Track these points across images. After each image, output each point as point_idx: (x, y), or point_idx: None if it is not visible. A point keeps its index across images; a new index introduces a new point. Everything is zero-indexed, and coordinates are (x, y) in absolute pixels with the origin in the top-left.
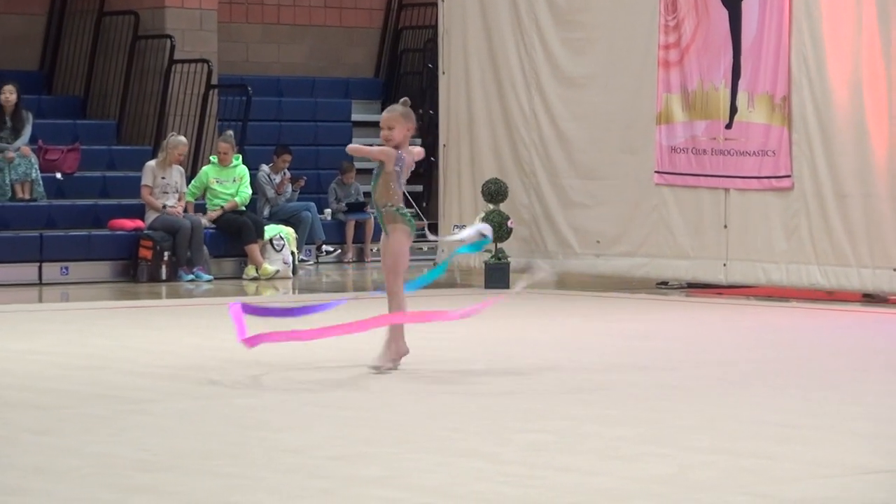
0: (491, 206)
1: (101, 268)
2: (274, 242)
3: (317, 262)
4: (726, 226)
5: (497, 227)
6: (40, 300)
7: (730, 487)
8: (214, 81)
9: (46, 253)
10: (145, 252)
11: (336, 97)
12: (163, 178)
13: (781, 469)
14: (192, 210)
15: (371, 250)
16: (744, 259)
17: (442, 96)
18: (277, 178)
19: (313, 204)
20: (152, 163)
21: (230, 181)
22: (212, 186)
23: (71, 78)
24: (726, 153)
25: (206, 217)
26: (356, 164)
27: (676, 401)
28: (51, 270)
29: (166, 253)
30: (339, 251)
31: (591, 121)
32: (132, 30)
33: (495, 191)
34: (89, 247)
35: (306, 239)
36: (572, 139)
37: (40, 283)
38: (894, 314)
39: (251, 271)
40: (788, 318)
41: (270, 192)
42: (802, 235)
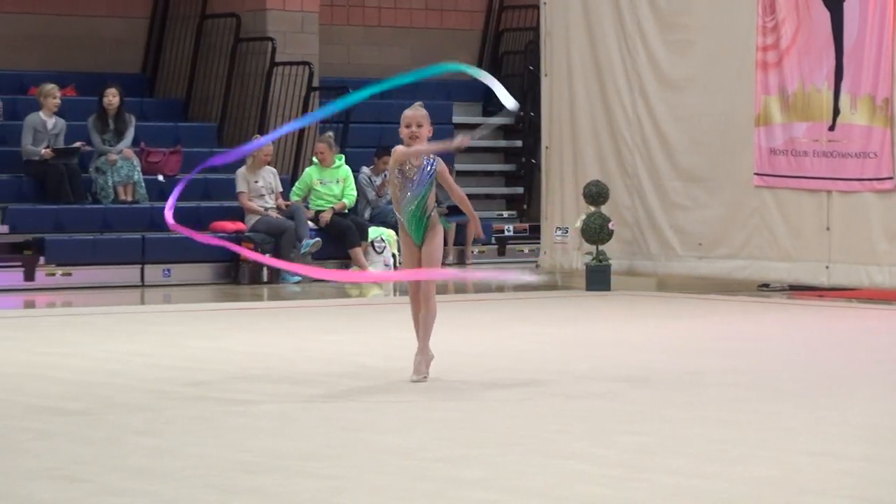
0: (592, 209)
1: (203, 270)
2: (375, 244)
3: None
4: (829, 228)
5: (598, 230)
6: (142, 302)
7: (833, 491)
8: (315, 84)
9: (148, 255)
10: (247, 253)
11: (437, 99)
12: (256, 182)
13: (886, 473)
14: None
15: (472, 252)
16: (846, 261)
17: (544, 98)
18: (378, 180)
19: None
20: (242, 169)
21: (333, 182)
22: (315, 188)
23: (173, 81)
24: (828, 155)
25: (320, 219)
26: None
27: (780, 403)
28: (153, 272)
29: (267, 255)
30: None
31: (691, 123)
32: (234, 33)
33: (596, 193)
34: (191, 249)
35: None
36: (673, 141)
37: (142, 285)
38: None
39: None
40: (891, 321)
41: (371, 195)
42: None
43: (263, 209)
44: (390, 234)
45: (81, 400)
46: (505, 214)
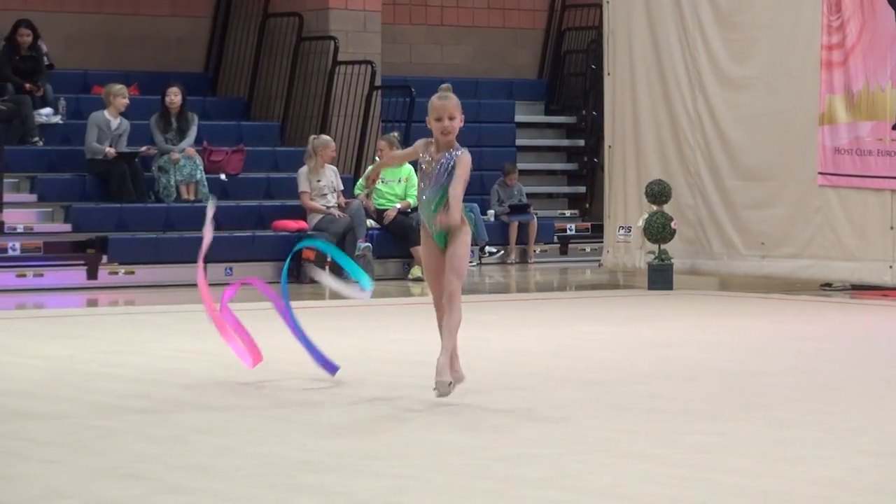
0: (654, 208)
1: (265, 268)
2: None
3: (480, 264)
4: (893, 227)
5: (661, 229)
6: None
7: (895, 491)
8: (378, 83)
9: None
10: (308, 253)
11: (499, 98)
12: (318, 181)
13: None
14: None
15: (534, 251)
16: None
17: (607, 97)
18: None
19: (476, 205)
20: (304, 168)
21: (396, 181)
22: (377, 186)
23: (235, 80)
24: (892, 154)
25: (385, 217)
26: (519, 166)
27: (842, 403)
28: (215, 271)
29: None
30: (503, 252)
31: (753, 122)
32: (296, 32)
33: (659, 192)
34: (253, 247)
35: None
36: (734, 140)
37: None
38: None
39: (416, 272)
40: None
41: None
42: None
43: (325, 208)
44: None
45: (145, 398)
46: (567, 213)
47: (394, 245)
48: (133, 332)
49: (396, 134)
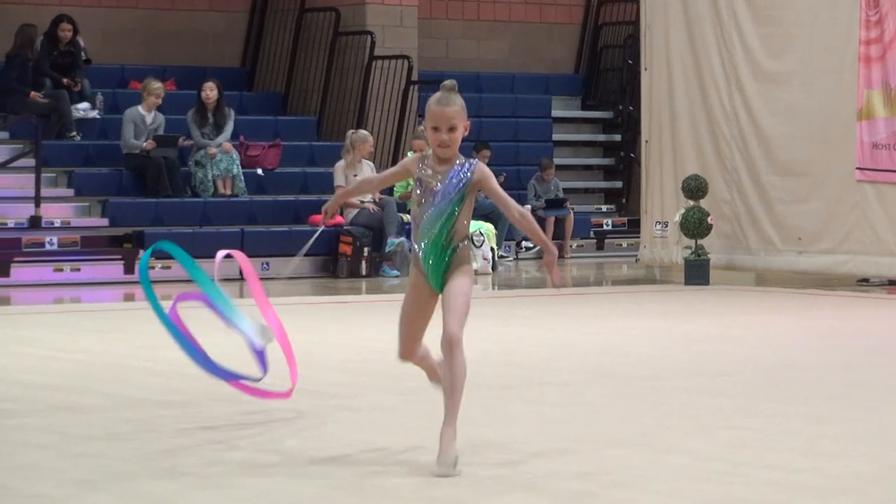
0: (691, 203)
1: (302, 263)
2: (474, 238)
3: (516, 258)
4: None
5: (697, 224)
6: (241, 295)
7: None
8: (414, 77)
9: (247, 248)
10: (345, 248)
11: (536, 93)
12: (355, 176)
13: None
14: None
15: (571, 246)
16: None
17: (644, 92)
18: None
19: None
20: (341, 163)
21: None
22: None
23: (272, 74)
24: None
25: None
26: (555, 161)
27: (879, 398)
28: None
29: (366, 249)
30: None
31: (790, 117)
32: (333, 26)
33: (695, 187)
34: (290, 242)
35: (506, 235)
36: (771, 135)
37: (241, 279)
38: None
39: None
40: None
41: None
42: None
43: (361, 203)
44: (489, 228)
45: (182, 392)
46: (604, 209)
47: None
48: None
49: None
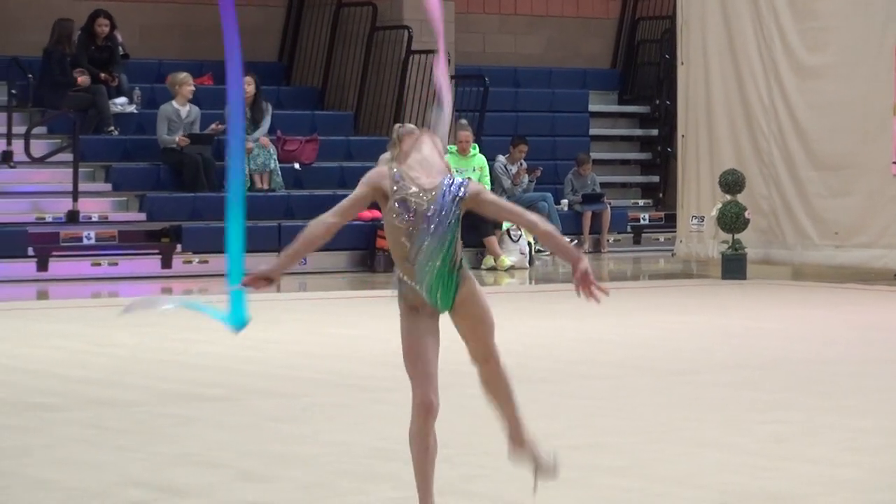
0: (728, 197)
1: (339, 258)
2: (511, 233)
3: (553, 253)
4: None
5: (734, 219)
6: (278, 290)
7: None
8: (451, 72)
9: (285, 243)
10: (382, 242)
11: (573, 88)
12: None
13: None
14: None
15: (608, 241)
16: None
17: (680, 86)
18: (514, 169)
19: (549, 194)
20: (387, 155)
21: (469, 170)
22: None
23: (309, 69)
24: None
25: None
26: (592, 155)
27: None
28: None
29: None
30: (576, 242)
31: (828, 111)
32: (370, 21)
33: (732, 181)
34: None
35: None
36: (809, 129)
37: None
38: None
39: (489, 262)
40: None
41: (507, 183)
42: None
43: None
44: None
45: (219, 386)
46: (640, 203)
47: (468, 235)
48: (207, 321)
49: (465, 121)
